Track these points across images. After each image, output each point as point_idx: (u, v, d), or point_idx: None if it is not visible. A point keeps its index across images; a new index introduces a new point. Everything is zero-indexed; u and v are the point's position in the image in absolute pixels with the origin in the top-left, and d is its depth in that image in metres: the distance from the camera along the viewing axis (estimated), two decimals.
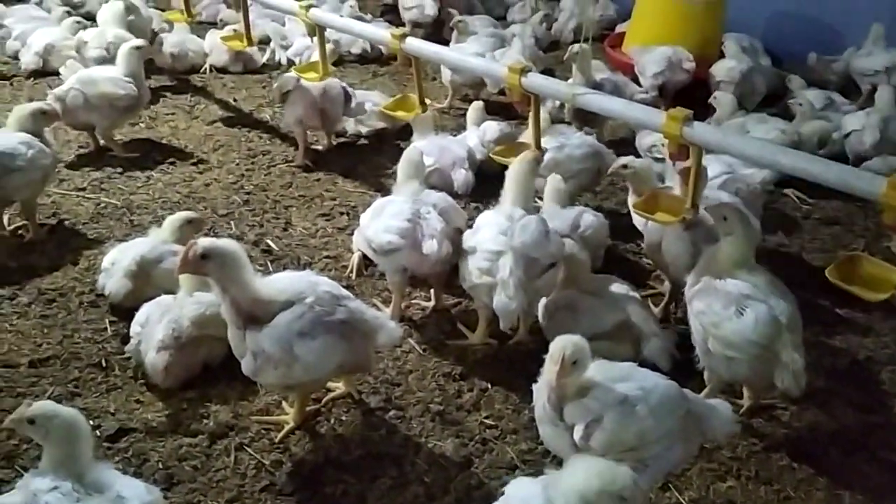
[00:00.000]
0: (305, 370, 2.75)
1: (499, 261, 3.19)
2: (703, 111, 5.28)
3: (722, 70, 6.06)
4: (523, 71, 3.62)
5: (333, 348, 2.77)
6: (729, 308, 2.90)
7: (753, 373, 2.96)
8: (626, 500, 2.10)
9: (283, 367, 2.72)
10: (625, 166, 3.85)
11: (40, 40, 6.16)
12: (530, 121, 3.78)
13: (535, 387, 2.64)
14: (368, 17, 7.55)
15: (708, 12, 6.47)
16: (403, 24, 7.53)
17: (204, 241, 2.69)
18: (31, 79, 6.13)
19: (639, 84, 6.01)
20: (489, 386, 3.29)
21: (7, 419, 2.38)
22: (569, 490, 2.13)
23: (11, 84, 6.06)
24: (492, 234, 3.29)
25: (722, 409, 2.63)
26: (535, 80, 3.65)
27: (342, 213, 4.57)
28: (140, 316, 3.27)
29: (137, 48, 5.04)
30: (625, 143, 5.46)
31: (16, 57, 6.32)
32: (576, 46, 5.01)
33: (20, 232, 4.16)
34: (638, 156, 4.56)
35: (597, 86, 4.87)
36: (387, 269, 3.56)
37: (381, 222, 3.45)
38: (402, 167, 3.68)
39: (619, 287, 3.46)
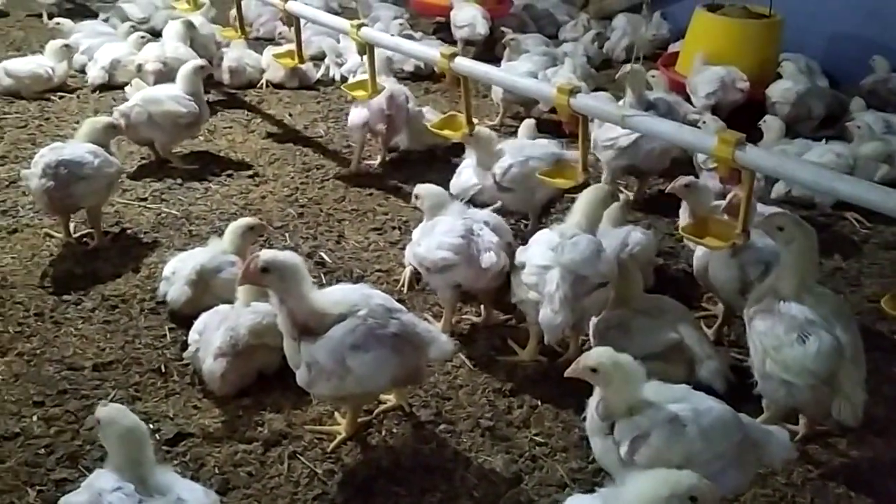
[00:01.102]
0: (358, 382, 2.79)
1: (546, 275, 3.21)
2: (760, 133, 5.23)
3: (777, 91, 6.00)
4: (572, 91, 3.63)
5: (386, 361, 2.80)
6: (791, 333, 2.85)
7: (811, 400, 2.91)
8: (698, 501, 2.09)
9: (336, 378, 2.76)
10: (687, 185, 3.84)
11: (106, 55, 6.39)
12: (579, 142, 3.79)
13: (588, 400, 2.66)
14: (419, 35, 7.64)
15: (764, 32, 6.42)
16: (455, 42, 7.63)
17: (266, 255, 2.75)
18: (97, 92, 6.34)
19: (692, 104, 5.98)
20: (539, 403, 3.30)
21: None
22: (635, 501, 2.13)
23: (78, 97, 6.28)
24: (541, 249, 3.32)
25: (779, 435, 2.60)
26: (584, 101, 3.65)
27: (394, 228, 4.63)
28: (198, 324, 3.36)
29: (200, 68, 5.20)
30: (676, 163, 5.43)
31: (83, 71, 6.56)
32: (628, 66, 5.00)
33: (85, 239, 4.30)
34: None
35: (650, 106, 4.86)
36: (439, 286, 3.60)
37: (433, 240, 3.50)
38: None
39: (671, 307, 3.45)
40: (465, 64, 4.20)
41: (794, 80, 6.08)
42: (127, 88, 5.21)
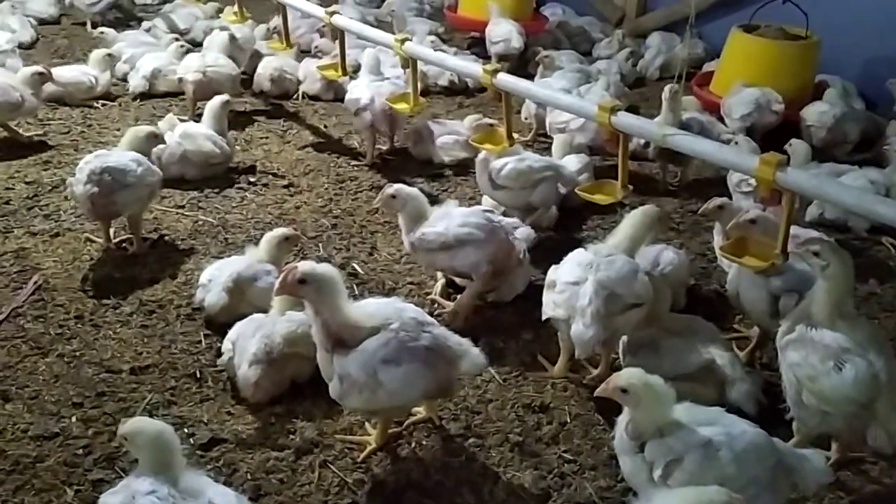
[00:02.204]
0: (389, 396, 2.82)
1: (579, 290, 3.23)
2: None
3: (813, 114, 5.95)
4: (613, 110, 3.66)
5: (417, 376, 2.83)
6: (827, 362, 2.82)
7: (846, 427, 2.89)
8: None
9: (368, 392, 2.79)
10: (720, 207, 3.83)
11: (148, 65, 6.54)
12: (619, 159, 3.81)
13: (618, 419, 2.68)
14: (453, 50, 7.71)
15: (801, 54, 6.39)
16: (489, 57, 7.68)
17: (303, 266, 2.79)
18: (138, 100, 6.49)
19: (726, 124, 5.96)
20: (569, 420, 3.30)
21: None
22: None
23: (119, 105, 6.42)
24: (574, 267, 3.34)
25: (814, 459, 2.59)
26: (625, 120, 3.67)
27: None
28: (232, 333, 3.41)
29: (226, 102, 5.28)
30: (710, 184, 5.43)
31: (124, 79, 6.71)
32: (669, 89, 4.98)
33: (124, 245, 4.39)
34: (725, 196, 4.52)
35: (683, 126, 4.86)
36: (470, 260, 3.71)
37: (453, 220, 3.72)
38: None
39: (703, 328, 3.44)
40: (507, 80, 4.26)
41: (830, 102, 6.04)
42: (160, 124, 5.29)
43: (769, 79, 6.08)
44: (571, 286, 3.27)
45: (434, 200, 5.12)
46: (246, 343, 3.31)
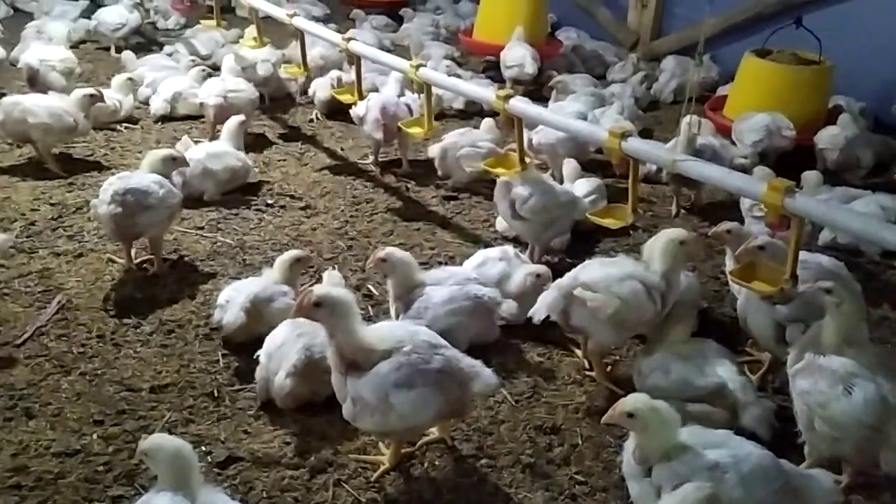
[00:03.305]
0: (400, 419, 2.87)
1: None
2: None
3: (826, 138, 5.98)
4: (624, 135, 3.71)
5: (429, 400, 2.88)
6: (836, 387, 2.86)
7: (858, 451, 2.91)
8: None
9: (380, 414, 2.85)
10: (729, 231, 3.87)
11: (169, 88, 6.68)
12: (629, 183, 3.86)
13: (625, 444, 2.72)
14: (469, 74, 7.82)
15: (814, 79, 6.43)
16: (504, 81, 7.78)
17: (319, 290, 2.86)
18: (159, 123, 6.63)
19: None
20: (580, 441, 3.34)
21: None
22: None
23: (141, 128, 6.56)
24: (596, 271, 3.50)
25: (822, 479, 2.62)
26: (636, 145, 3.73)
27: (440, 263, 4.71)
28: (269, 340, 3.46)
29: (243, 122, 5.42)
30: (724, 207, 5.46)
31: (146, 102, 6.85)
32: (687, 122, 5.02)
33: (145, 266, 4.48)
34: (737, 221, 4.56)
35: (696, 152, 4.90)
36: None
37: (437, 309, 3.75)
38: None
39: (715, 352, 3.47)
40: (519, 105, 4.34)
41: (842, 126, 6.06)
42: (178, 145, 5.42)
43: (782, 103, 6.13)
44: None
45: (447, 223, 5.22)
46: (288, 350, 3.37)
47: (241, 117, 5.55)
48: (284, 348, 3.39)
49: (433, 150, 5.73)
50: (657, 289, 3.44)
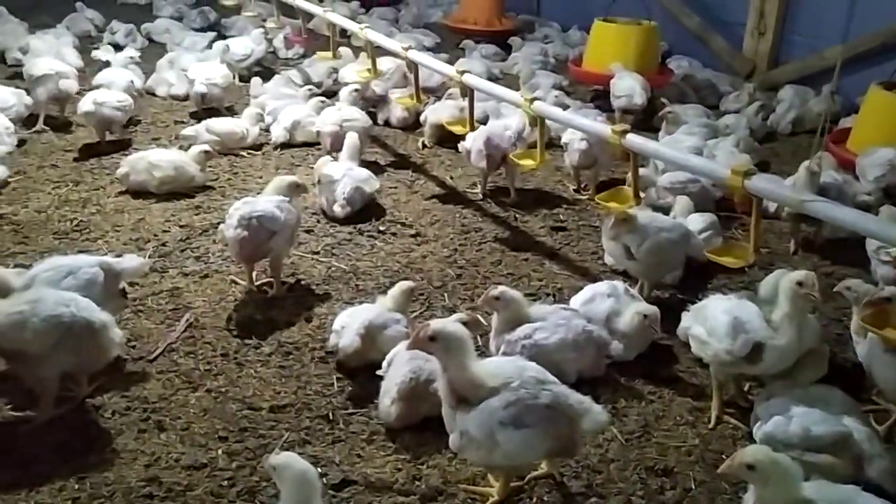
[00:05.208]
0: (506, 457, 2.90)
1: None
2: None
3: None
4: (748, 173, 3.63)
5: (535, 439, 2.89)
6: None
7: None
8: None
9: (485, 450, 2.88)
10: (848, 288, 3.73)
11: (288, 117, 7.01)
12: (752, 223, 3.76)
13: (744, 497, 2.64)
14: (578, 103, 7.80)
15: None
16: (612, 110, 7.74)
17: (435, 325, 2.92)
18: (278, 150, 6.95)
19: None
20: (693, 486, 3.26)
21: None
22: None
23: (262, 153, 6.90)
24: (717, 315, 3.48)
25: None
26: (760, 184, 3.63)
27: (548, 294, 4.73)
28: (389, 356, 3.62)
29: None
30: (846, 245, 5.25)
31: (267, 130, 7.20)
32: (811, 163, 4.87)
33: (264, 288, 4.69)
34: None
35: (821, 189, 4.73)
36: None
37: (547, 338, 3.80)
38: None
39: (838, 399, 3.32)
40: (636, 141, 4.33)
41: None
42: (324, 168, 5.69)
43: None
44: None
45: (555, 254, 5.23)
46: (395, 372, 3.48)
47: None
48: (392, 370, 3.50)
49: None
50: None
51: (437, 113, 7.02)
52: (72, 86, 7.19)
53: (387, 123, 7.64)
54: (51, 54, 8.03)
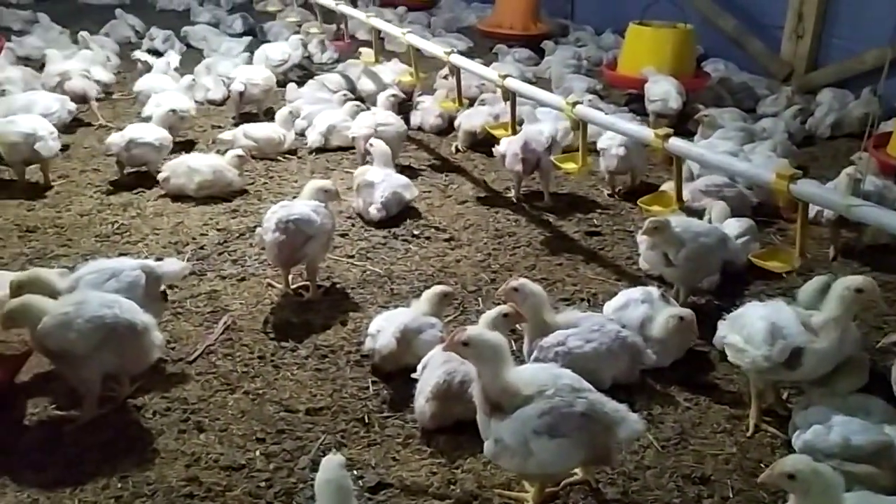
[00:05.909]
0: (540, 466, 2.90)
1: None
2: None
3: None
4: (793, 177, 3.58)
5: (570, 448, 2.88)
6: None
7: None
8: None
9: (520, 458, 2.88)
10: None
11: (323, 122, 7.08)
12: (798, 227, 3.71)
13: None
14: (611, 107, 7.76)
15: None
16: (647, 114, 7.69)
17: (471, 331, 2.94)
18: (314, 154, 7.02)
19: None
20: (731, 495, 3.22)
21: None
22: None
23: (298, 158, 6.97)
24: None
25: None
26: (807, 188, 3.57)
27: (582, 300, 4.71)
28: (424, 360, 3.64)
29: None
30: (887, 251, 5.16)
31: (302, 134, 7.27)
32: (864, 162, 4.80)
33: (300, 291, 4.74)
34: None
35: (864, 195, 4.65)
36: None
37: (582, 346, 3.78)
38: None
39: (880, 409, 3.27)
40: (679, 145, 4.31)
41: None
42: (367, 173, 5.77)
43: None
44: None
45: (590, 259, 5.21)
46: (431, 373, 3.51)
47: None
48: (427, 372, 3.52)
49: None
50: None
51: (471, 119, 7.05)
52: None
53: (419, 128, 7.68)
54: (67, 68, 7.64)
